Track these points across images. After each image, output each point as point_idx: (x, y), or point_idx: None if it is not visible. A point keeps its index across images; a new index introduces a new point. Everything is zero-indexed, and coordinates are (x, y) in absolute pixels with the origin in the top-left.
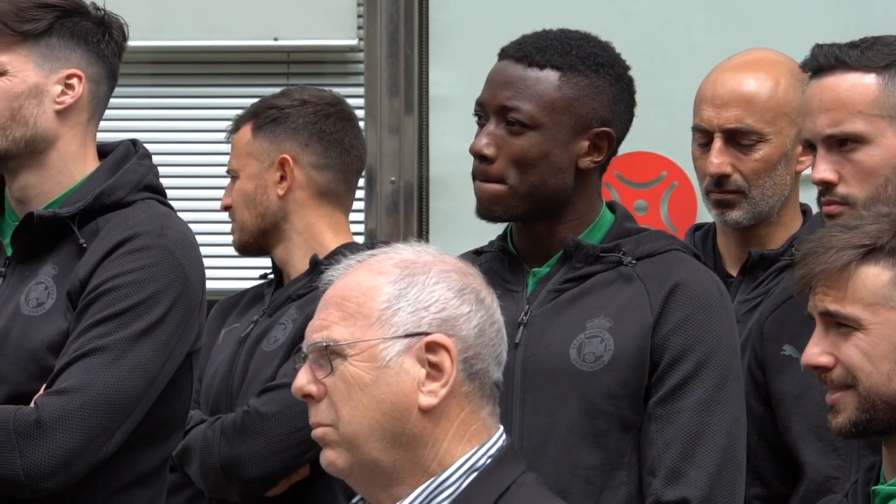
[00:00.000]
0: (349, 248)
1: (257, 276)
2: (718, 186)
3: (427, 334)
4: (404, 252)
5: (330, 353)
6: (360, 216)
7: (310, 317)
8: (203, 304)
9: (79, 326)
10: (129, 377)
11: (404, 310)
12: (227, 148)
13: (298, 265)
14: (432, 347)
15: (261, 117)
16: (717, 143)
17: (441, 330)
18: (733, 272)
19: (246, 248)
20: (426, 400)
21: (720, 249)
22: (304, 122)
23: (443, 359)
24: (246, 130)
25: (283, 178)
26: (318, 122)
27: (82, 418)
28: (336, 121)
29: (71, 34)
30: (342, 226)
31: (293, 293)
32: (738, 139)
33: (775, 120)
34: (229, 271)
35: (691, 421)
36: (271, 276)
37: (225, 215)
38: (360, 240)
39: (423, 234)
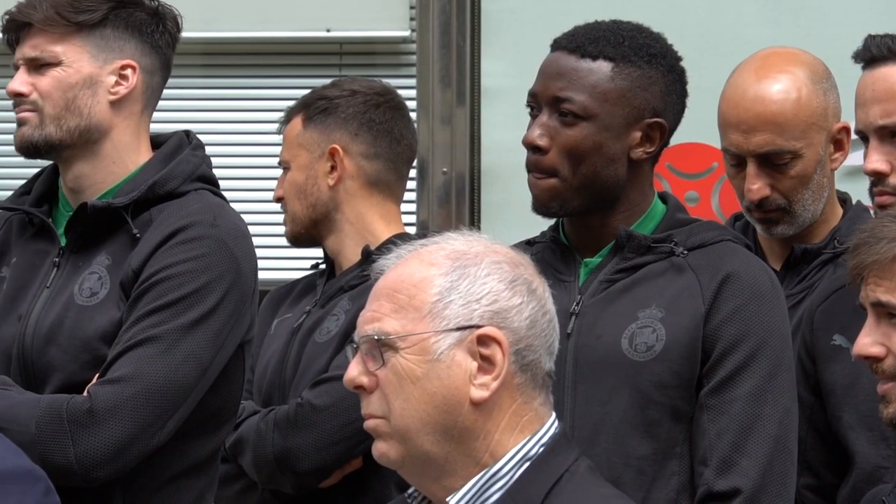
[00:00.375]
0: (401, 238)
1: (308, 266)
2: (759, 208)
3: (478, 327)
4: (455, 242)
5: (381, 346)
6: (412, 207)
7: (362, 308)
8: (255, 294)
9: (132, 316)
10: (182, 367)
11: (456, 302)
12: (279, 139)
13: (350, 255)
14: (484, 340)
15: (311, 108)
16: (752, 168)
17: (492, 322)
18: (776, 266)
19: (298, 238)
20: (478, 393)
21: (762, 244)
22: (354, 112)
23: (494, 351)
24: (297, 121)
25: (333, 168)
26: (368, 112)
27: (135, 408)
28: (386, 110)
29: (125, 25)
30: (394, 215)
31: (345, 284)
32: (771, 160)
33: (805, 133)
34: (281, 261)
35: (743, 411)
36: (323, 267)
37: (276, 205)
38: (411, 230)
39: (474, 224)
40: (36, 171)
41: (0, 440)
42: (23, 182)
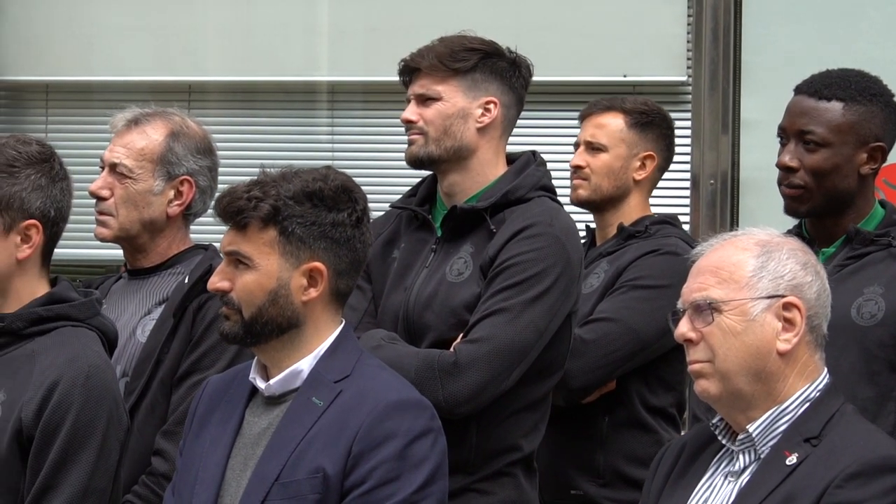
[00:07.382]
0: (648, 219)
1: None
2: None
3: (784, 297)
4: (759, 234)
5: (710, 309)
6: (687, 209)
7: (618, 268)
8: (581, 276)
9: (488, 291)
10: (524, 331)
11: (766, 278)
12: (567, 156)
13: (614, 230)
14: (787, 307)
15: (633, 115)
16: None
17: (793, 294)
18: None
19: (589, 203)
20: (783, 346)
21: None
22: (663, 134)
23: (795, 315)
24: (618, 117)
25: (641, 167)
26: (669, 139)
27: (489, 361)
28: (674, 140)
29: (490, 70)
30: (647, 203)
31: (604, 251)
32: None
33: None
34: None
35: None
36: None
37: None
38: (686, 227)
39: (733, 223)
40: (418, 179)
41: (399, 379)
42: (409, 187)
